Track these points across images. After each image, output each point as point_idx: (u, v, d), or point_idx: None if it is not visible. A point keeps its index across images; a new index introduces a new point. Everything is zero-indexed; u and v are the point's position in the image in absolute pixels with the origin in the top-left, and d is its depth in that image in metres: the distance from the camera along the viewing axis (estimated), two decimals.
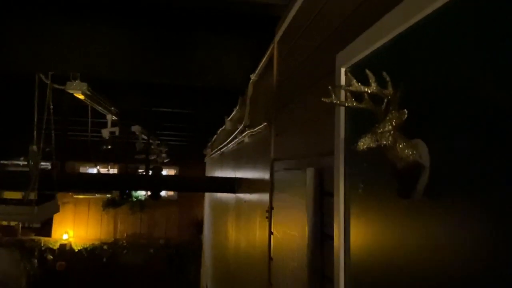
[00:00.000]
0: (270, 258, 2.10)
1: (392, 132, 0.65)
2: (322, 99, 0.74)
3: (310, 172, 1.32)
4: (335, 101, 0.73)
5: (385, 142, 0.65)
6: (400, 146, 0.65)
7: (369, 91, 0.64)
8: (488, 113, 0.55)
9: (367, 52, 0.90)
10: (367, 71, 0.64)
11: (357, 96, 0.73)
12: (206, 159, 9.25)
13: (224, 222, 5.04)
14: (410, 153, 0.65)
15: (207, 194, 8.97)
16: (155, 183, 4.24)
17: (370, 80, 0.64)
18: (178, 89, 4.46)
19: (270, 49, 2.33)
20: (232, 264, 3.97)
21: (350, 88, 0.65)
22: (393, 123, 0.65)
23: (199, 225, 10.03)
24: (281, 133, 1.96)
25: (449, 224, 0.60)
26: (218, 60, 3.37)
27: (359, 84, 0.64)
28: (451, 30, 0.63)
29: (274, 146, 2.11)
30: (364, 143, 0.66)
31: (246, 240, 3.19)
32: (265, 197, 2.44)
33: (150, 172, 5.78)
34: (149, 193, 9.18)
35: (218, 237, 5.64)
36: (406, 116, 0.64)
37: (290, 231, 1.49)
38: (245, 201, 3.48)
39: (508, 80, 0.52)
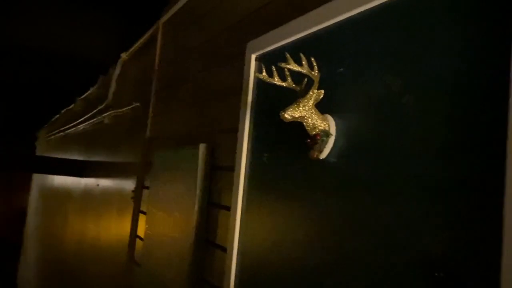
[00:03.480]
0: (137, 237, 2.11)
1: (311, 106, 0.84)
2: (256, 74, 0.88)
3: (202, 148, 1.44)
4: (265, 79, 0.87)
5: (305, 114, 0.83)
6: (315, 117, 0.84)
7: (302, 71, 0.80)
8: (377, 96, 0.78)
9: (278, 44, 1.08)
10: (301, 55, 0.81)
11: (281, 76, 0.90)
12: (39, 142, 8.26)
13: (63, 209, 4.64)
14: (322, 124, 0.84)
15: (35, 180, 8.00)
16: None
17: (303, 62, 0.80)
18: (20, 55, 3.92)
19: (152, 30, 2.33)
20: (75, 252, 3.71)
21: (288, 66, 0.80)
22: (313, 99, 0.83)
23: (21, 215, 8.84)
24: (162, 113, 2.01)
25: (347, 178, 0.81)
26: (83, 33, 3.15)
27: (295, 64, 0.80)
28: (345, 35, 0.85)
29: (151, 126, 2.13)
30: (289, 114, 0.82)
31: (98, 224, 3.05)
32: (130, 178, 2.42)
33: None
34: None
35: (53, 227, 5.14)
36: (322, 95, 0.84)
37: (176, 205, 1.56)
38: (98, 185, 3.32)
39: (390, 71, 0.75)
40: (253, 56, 1.18)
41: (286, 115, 0.82)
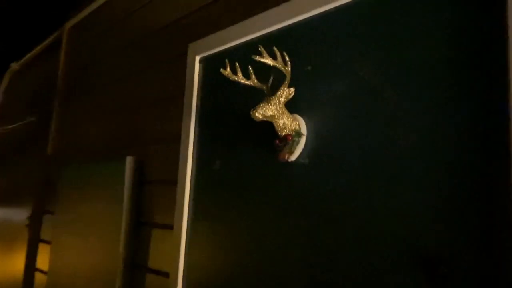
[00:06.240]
0: (36, 270, 1.80)
1: (282, 105, 0.79)
2: (221, 70, 0.80)
3: (130, 161, 1.28)
4: (229, 76, 0.81)
5: (276, 113, 0.78)
6: (286, 117, 0.79)
7: (277, 65, 0.75)
8: (351, 92, 0.77)
9: (222, 48, 1.03)
10: (275, 48, 0.76)
11: (245, 75, 0.84)
12: None
13: None
14: (293, 123, 0.80)
15: None
16: None
17: (277, 56, 0.76)
18: None
19: (54, 36, 2.08)
20: None
21: (262, 59, 0.74)
22: (283, 97, 0.79)
23: None
24: (70, 126, 1.77)
25: (322, 178, 0.78)
26: None
27: (270, 57, 0.75)
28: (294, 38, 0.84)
29: (54, 141, 1.86)
30: (260, 113, 0.76)
31: None
32: (23, 203, 2.08)
33: None
34: None
35: None
36: (293, 92, 0.80)
37: (95, 228, 1.36)
38: None
39: (366, 65, 0.75)
40: (197, 58, 1.10)
41: (257, 114, 0.76)
